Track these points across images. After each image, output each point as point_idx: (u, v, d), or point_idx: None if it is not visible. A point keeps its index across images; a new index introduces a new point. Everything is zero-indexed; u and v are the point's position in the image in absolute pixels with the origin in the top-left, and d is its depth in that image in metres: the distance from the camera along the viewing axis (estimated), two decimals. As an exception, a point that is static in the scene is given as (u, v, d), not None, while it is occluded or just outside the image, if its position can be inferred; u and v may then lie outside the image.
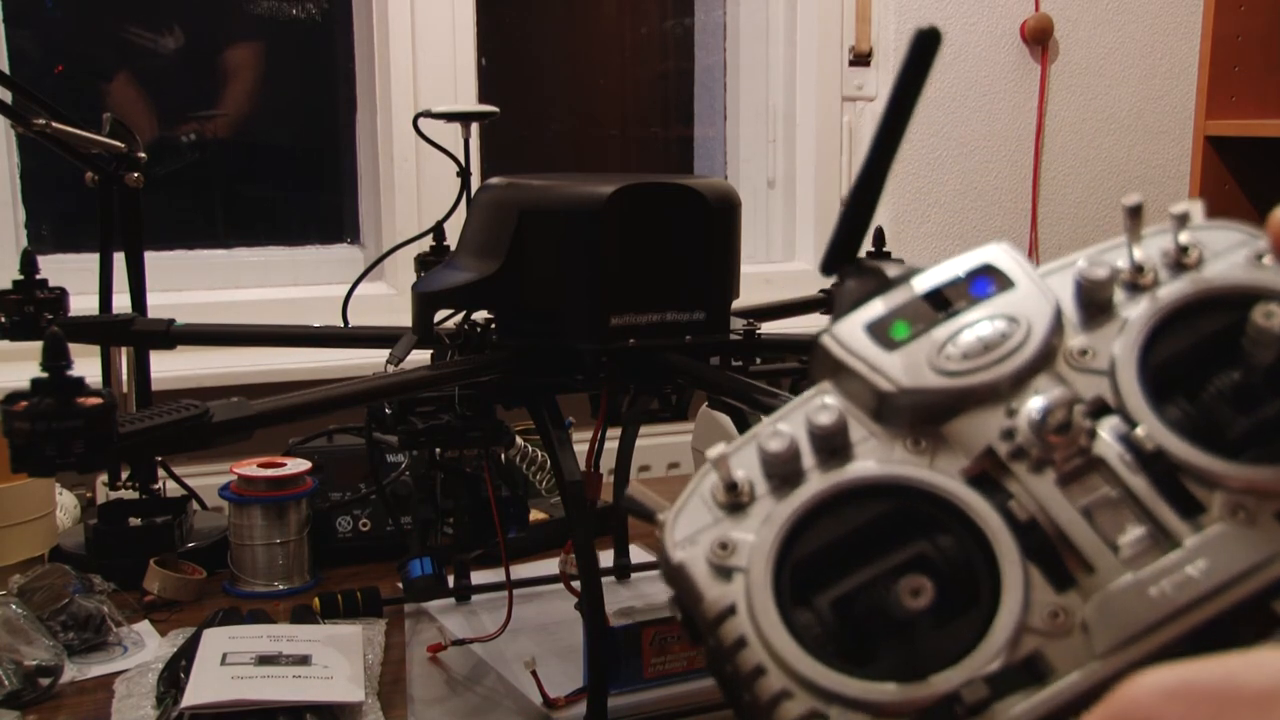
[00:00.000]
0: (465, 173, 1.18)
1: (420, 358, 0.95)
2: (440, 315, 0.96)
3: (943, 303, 0.39)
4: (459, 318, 0.97)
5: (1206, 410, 0.36)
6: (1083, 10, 2.19)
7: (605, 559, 1.21)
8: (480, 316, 0.96)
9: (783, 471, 0.37)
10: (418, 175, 1.82)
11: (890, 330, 0.39)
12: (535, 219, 0.87)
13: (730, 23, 2.17)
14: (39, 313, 1.10)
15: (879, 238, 1.18)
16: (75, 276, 1.24)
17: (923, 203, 2.14)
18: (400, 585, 1.06)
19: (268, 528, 1.17)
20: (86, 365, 0.78)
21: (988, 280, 0.39)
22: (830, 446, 0.37)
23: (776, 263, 2.16)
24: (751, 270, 1.46)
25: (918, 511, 0.36)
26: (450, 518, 1.02)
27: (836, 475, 0.37)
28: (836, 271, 0.42)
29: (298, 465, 1.20)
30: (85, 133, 1.13)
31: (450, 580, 1.12)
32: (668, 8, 2.21)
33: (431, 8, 1.81)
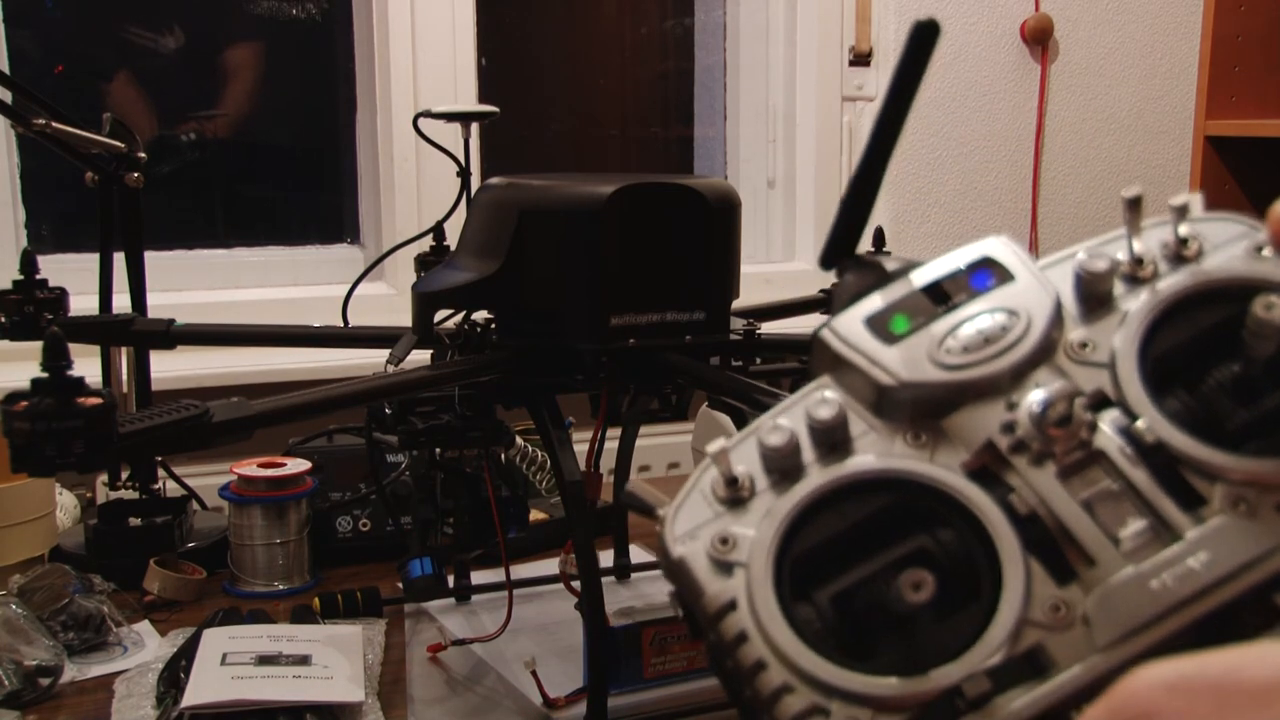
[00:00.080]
0: (465, 173, 1.17)
1: (420, 358, 0.95)
2: (440, 315, 0.96)
3: (942, 296, 0.39)
4: (459, 318, 0.97)
5: (1207, 402, 0.36)
6: (1083, 10, 2.19)
7: (605, 559, 1.21)
8: (480, 316, 0.96)
9: (783, 466, 0.37)
10: (418, 175, 1.82)
11: (890, 324, 0.39)
12: (535, 219, 0.87)
13: (730, 23, 2.17)
14: (39, 313, 1.10)
15: (878, 238, 1.17)
16: (75, 276, 1.24)
17: (923, 203, 2.14)
18: (400, 585, 1.06)
19: (268, 528, 1.17)
20: (86, 365, 0.78)
21: (987, 273, 0.39)
22: (830, 441, 0.37)
23: (776, 263, 2.16)
24: (751, 270, 1.45)
25: (918, 506, 0.36)
26: (450, 518, 1.02)
27: (836, 470, 0.37)
28: (836, 265, 0.42)
29: (298, 465, 1.20)
30: (85, 133, 1.13)
31: (450, 580, 1.12)
32: (668, 8, 2.21)
33: (431, 8, 1.81)
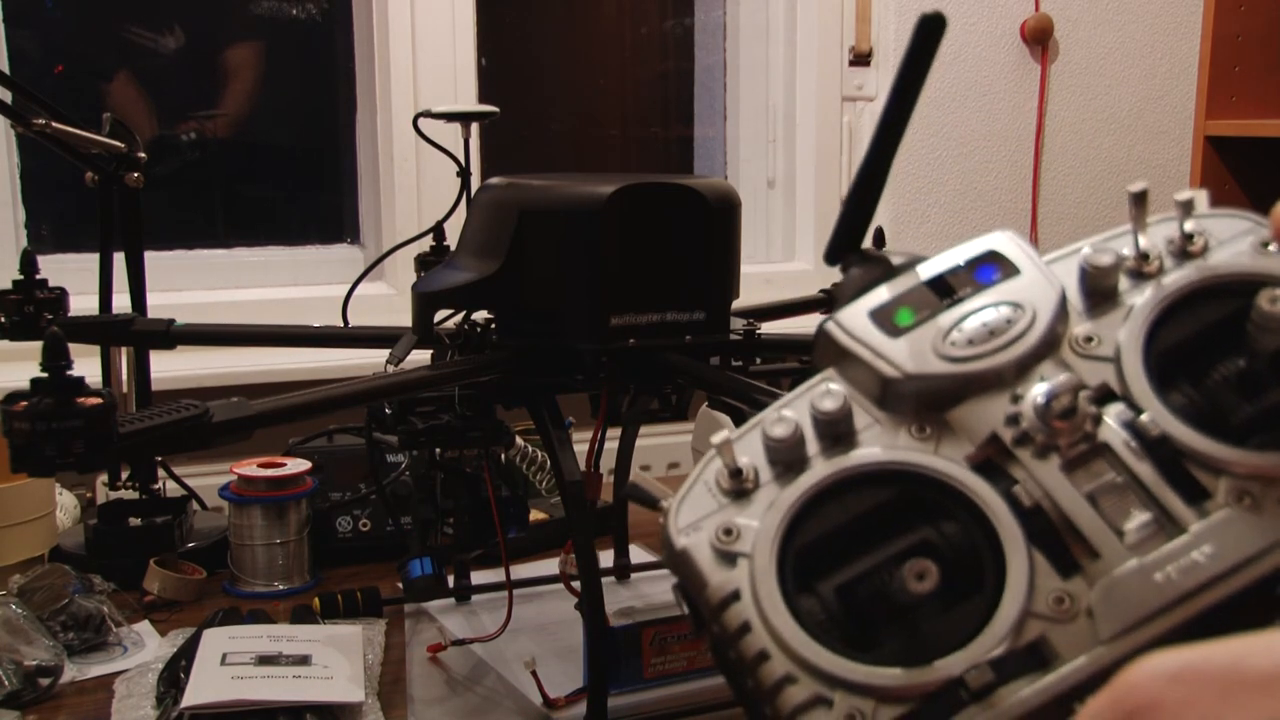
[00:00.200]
0: (465, 173, 1.17)
1: (420, 358, 0.95)
2: (440, 315, 0.96)
3: (947, 290, 0.39)
4: (459, 318, 0.97)
5: (1211, 397, 0.36)
6: (1083, 10, 2.19)
7: (605, 559, 1.20)
8: (480, 316, 0.96)
9: (787, 458, 0.37)
10: (418, 175, 1.82)
11: (895, 317, 0.39)
12: (535, 219, 0.87)
13: (730, 23, 2.17)
14: (39, 313, 1.10)
15: (879, 238, 1.17)
16: (75, 276, 1.24)
17: (923, 203, 2.14)
18: (400, 585, 1.06)
19: (268, 528, 1.17)
20: (86, 365, 0.78)
21: (992, 267, 0.39)
22: (834, 433, 0.37)
23: (776, 263, 2.16)
24: (751, 270, 1.45)
25: (922, 498, 0.36)
26: (450, 518, 1.02)
27: (840, 461, 0.37)
28: (841, 260, 0.42)
29: (298, 465, 1.20)
30: (85, 133, 1.13)
31: (450, 580, 1.12)
32: (668, 8, 2.21)
33: (431, 8, 1.81)
